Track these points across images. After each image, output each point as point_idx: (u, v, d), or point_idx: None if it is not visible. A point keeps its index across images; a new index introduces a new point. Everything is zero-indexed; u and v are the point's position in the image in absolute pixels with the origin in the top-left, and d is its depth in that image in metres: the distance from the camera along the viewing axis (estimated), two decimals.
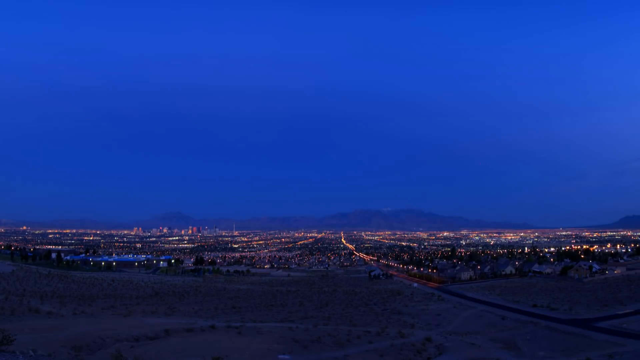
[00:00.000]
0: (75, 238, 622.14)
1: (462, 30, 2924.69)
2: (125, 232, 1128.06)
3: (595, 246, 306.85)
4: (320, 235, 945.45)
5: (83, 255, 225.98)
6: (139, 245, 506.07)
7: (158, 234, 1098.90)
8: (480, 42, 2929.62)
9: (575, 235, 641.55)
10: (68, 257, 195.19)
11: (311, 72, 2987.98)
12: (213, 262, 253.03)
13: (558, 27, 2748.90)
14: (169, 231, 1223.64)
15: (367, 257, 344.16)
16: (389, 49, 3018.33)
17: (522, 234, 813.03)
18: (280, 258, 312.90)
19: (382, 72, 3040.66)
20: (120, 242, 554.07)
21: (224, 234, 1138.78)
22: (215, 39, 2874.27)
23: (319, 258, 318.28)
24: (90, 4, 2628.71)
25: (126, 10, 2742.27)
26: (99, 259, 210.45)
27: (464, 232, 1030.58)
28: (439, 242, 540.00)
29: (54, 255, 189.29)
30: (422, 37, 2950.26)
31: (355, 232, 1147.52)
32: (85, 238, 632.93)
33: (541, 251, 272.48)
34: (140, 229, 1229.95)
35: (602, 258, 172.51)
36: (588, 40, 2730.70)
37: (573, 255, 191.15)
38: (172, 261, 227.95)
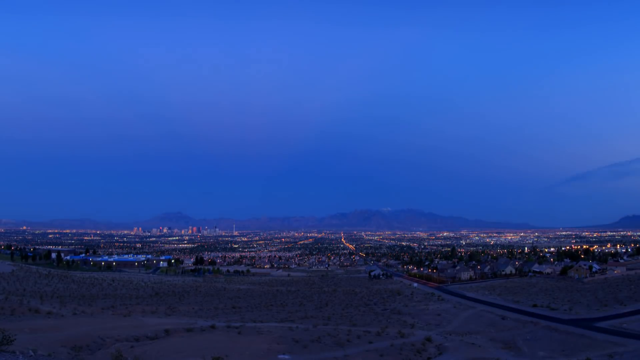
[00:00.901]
0: (75, 238, 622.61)
1: (442, 37, 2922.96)
2: (125, 232, 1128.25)
3: (595, 246, 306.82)
4: (320, 235, 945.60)
5: (83, 255, 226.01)
6: (139, 245, 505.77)
7: (158, 234, 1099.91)
8: (469, 53, 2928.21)
9: (575, 235, 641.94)
10: (68, 257, 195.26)
11: (313, 83, 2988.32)
12: (213, 262, 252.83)
13: (544, 33, 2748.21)
14: (169, 231, 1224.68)
15: (366, 257, 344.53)
16: (386, 63, 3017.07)
17: (522, 234, 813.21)
18: (280, 258, 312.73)
19: (383, 73, 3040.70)
20: (120, 242, 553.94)
21: (224, 234, 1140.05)
22: (214, 47, 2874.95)
23: (319, 258, 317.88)
24: (103, 11, 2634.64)
25: (137, 20, 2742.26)
26: (99, 259, 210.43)
27: (464, 232, 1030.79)
28: (439, 242, 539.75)
29: (54, 255, 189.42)
30: (405, 50, 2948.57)
31: (355, 232, 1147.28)
32: (86, 238, 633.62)
33: (541, 251, 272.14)
34: (140, 229, 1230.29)
35: (602, 258, 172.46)
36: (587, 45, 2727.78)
37: (573, 255, 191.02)
38: (172, 261, 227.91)
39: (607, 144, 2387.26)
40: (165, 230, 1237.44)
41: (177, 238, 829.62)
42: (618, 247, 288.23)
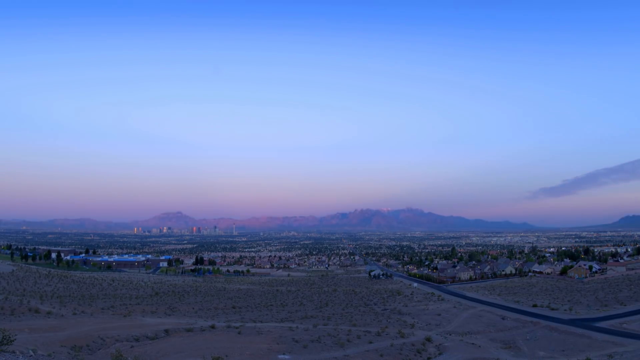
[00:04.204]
0: (75, 238, 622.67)
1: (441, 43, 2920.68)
2: (125, 232, 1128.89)
3: (595, 246, 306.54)
4: (320, 235, 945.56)
5: (83, 255, 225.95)
6: (139, 245, 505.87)
7: (158, 233, 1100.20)
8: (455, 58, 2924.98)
9: (575, 235, 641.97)
10: (68, 257, 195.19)
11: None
12: (213, 262, 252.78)
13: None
14: (169, 231, 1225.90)
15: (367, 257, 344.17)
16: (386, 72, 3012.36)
17: (522, 234, 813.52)
18: (280, 258, 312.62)
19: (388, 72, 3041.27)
20: (120, 242, 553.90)
21: (223, 234, 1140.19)
22: (214, 44, 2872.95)
23: (318, 258, 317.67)
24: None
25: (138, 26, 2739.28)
26: (99, 259, 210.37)
27: (464, 232, 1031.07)
28: (439, 242, 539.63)
29: (54, 255, 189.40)
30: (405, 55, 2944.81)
31: (355, 232, 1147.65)
32: (86, 238, 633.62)
33: (541, 251, 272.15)
34: (140, 229, 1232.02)
35: (602, 258, 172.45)
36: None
37: (573, 255, 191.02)
38: (172, 261, 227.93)
39: (608, 145, 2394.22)
40: (165, 230, 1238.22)
41: (177, 238, 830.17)
42: (618, 247, 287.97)
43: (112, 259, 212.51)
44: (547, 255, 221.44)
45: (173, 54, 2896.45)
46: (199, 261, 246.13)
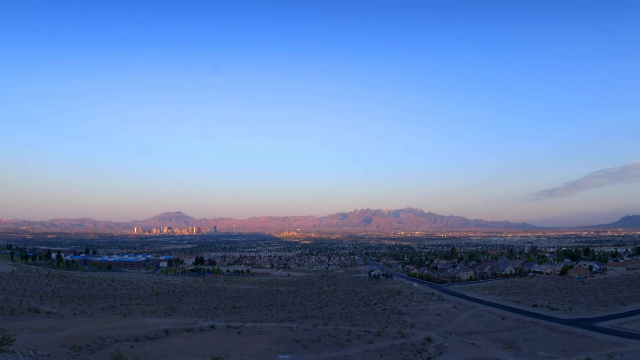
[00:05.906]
0: (75, 238, 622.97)
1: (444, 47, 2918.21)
2: (126, 232, 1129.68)
3: (596, 246, 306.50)
4: (320, 236, 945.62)
5: (83, 255, 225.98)
6: (139, 245, 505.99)
7: (158, 233, 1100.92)
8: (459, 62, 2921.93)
9: (575, 235, 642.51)
10: (68, 257, 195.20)
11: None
12: (213, 262, 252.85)
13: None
14: (169, 231, 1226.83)
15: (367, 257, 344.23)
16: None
17: (522, 234, 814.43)
18: (280, 258, 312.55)
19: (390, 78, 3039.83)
20: (120, 242, 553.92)
21: (223, 234, 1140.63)
22: (218, 44, 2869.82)
23: (318, 258, 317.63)
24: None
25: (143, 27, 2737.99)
26: (99, 259, 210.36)
27: (464, 232, 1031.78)
28: (439, 242, 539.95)
29: (54, 255, 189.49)
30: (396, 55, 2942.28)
31: (355, 232, 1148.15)
32: (86, 238, 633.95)
33: (541, 251, 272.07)
34: (140, 229, 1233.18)
35: (602, 258, 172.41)
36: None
37: (573, 255, 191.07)
38: (172, 261, 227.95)
39: (609, 146, 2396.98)
40: (165, 230, 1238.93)
41: (177, 238, 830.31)
42: (618, 247, 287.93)
43: (112, 259, 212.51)
44: (547, 255, 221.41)
45: (173, 55, 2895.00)
46: (199, 261, 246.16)
